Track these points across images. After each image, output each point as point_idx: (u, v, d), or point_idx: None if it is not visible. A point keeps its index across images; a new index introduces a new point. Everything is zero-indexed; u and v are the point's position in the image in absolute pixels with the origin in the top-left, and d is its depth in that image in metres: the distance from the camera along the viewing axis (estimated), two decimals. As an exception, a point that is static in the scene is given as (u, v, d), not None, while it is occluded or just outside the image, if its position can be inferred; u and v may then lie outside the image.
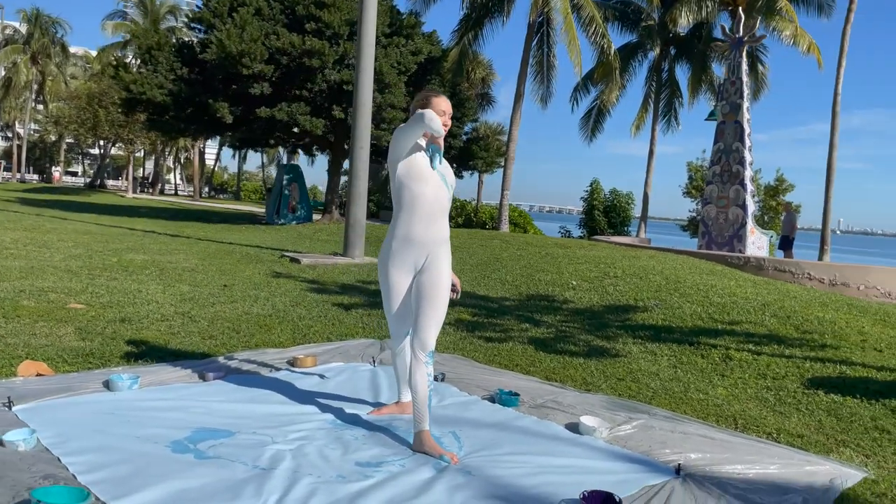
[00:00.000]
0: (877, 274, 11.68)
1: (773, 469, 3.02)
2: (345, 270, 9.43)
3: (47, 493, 2.20)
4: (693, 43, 22.92)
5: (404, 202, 3.02)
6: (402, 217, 3.04)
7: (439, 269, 3.05)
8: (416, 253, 3.04)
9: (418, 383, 2.97)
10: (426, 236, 3.02)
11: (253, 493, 2.40)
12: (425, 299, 3.02)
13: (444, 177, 3.10)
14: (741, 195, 14.09)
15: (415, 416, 2.99)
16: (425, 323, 3.00)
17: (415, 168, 3.00)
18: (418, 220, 3.00)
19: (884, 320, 6.52)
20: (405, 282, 3.12)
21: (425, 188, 2.99)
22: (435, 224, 3.05)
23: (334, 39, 17.26)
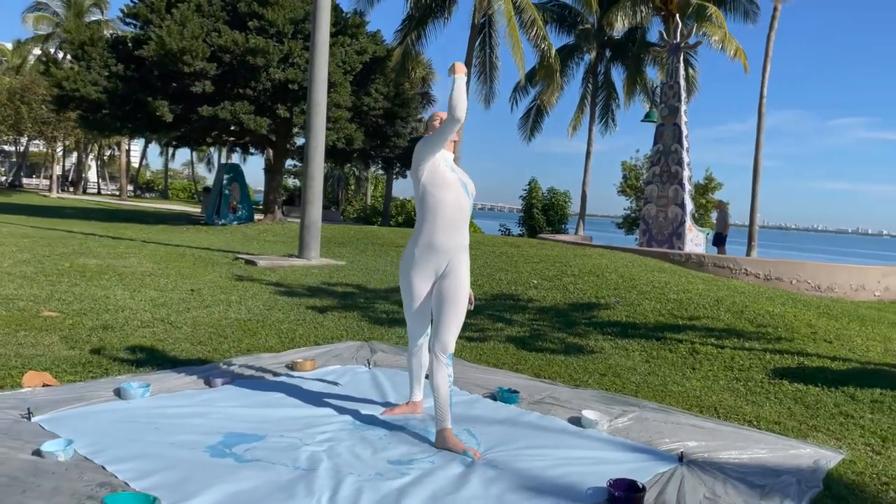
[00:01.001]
0: (807, 269, 12.44)
1: (763, 454, 3.30)
2: (305, 272, 9.43)
3: (116, 499, 2.25)
4: (628, 46, 23.68)
5: (428, 209, 3.16)
6: (427, 224, 3.17)
7: (460, 275, 3.20)
8: (439, 259, 3.18)
9: (440, 384, 3.12)
10: (449, 243, 3.16)
11: (305, 493, 2.51)
12: (447, 304, 3.17)
13: (465, 185, 3.24)
14: (680, 194, 14.71)
15: (438, 414, 3.13)
16: (447, 326, 3.16)
17: (438, 176, 3.14)
18: (441, 227, 3.14)
19: (827, 313, 7.03)
20: (426, 286, 3.26)
21: (448, 195, 3.14)
22: (457, 231, 3.19)
23: (278, 38, 17.09)
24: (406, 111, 20.29)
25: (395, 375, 4.30)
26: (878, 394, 4.47)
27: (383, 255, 12.17)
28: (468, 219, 3.25)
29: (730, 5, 22.95)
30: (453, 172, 3.22)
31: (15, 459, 2.61)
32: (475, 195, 3.31)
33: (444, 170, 3.17)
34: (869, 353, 5.55)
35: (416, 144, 3.20)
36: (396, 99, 19.96)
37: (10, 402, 3.25)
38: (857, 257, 50.93)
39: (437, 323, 3.19)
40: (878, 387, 4.60)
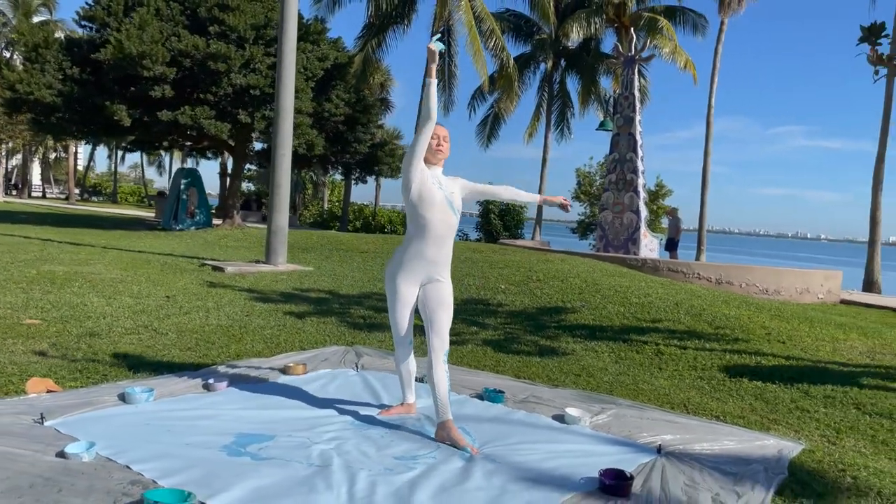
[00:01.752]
0: (756, 273, 13.03)
1: (732, 445, 3.61)
2: (275, 278, 9.52)
3: (155, 494, 2.41)
4: (582, 57, 24.28)
5: (417, 226, 3.38)
6: (415, 239, 3.40)
7: (447, 280, 3.50)
8: (426, 269, 3.43)
9: (441, 379, 3.36)
10: (436, 256, 3.42)
11: (325, 487, 2.70)
12: (442, 306, 3.43)
13: (452, 203, 3.43)
14: (635, 201, 15.23)
15: (440, 408, 3.35)
16: (444, 326, 3.42)
17: (426, 196, 3.34)
18: (429, 242, 3.38)
19: (779, 316, 7.47)
20: (413, 293, 3.49)
21: (435, 215, 3.36)
22: (443, 245, 3.44)
23: (240, 43, 17.06)
24: (367, 117, 20.43)
25: (385, 378, 4.50)
26: (829, 390, 4.85)
27: (349, 261, 12.30)
28: (454, 233, 3.49)
29: (679, 19, 23.76)
30: (441, 190, 3.39)
31: (42, 461, 2.73)
32: (461, 211, 3.53)
33: (431, 189, 3.36)
34: (819, 353, 5.97)
35: (403, 161, 3.40)
36: (357, 105, 20.09)
37: (19, 408, 3.34)
38: (797, 261, 52.87)
39: (434, 324, 3.43)
40: (828, 384, 4.99)
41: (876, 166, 18.07)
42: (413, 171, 3.34)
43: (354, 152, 20.99)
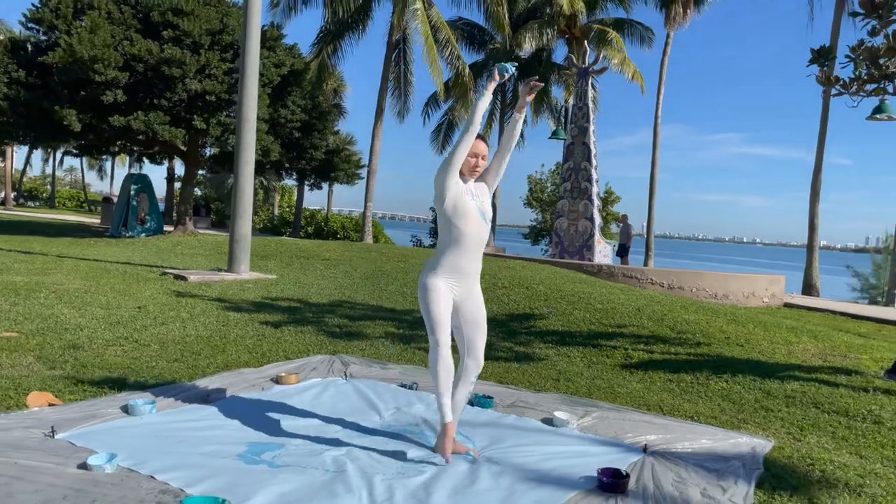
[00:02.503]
0: (705, 278, 13.58)
1: (710, 443, 3.88)
2: (242, 287, 9.51)
3: (191, 501, 2.51)
4: (535, 66, 24.73)
5: (451, 238, 3.33)
6: (449, 249, 3.34)
7: (478, 296, 3.48)
8: (460, 281, 3.38)
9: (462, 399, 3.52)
10: (469, 268, 3.38)
11: (345, 491, 2.84)
12: (479, 328, 3.45)
13: (484, 214, 3.41)
14: (589, 209, 15.67)
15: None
16: (481, 348, 3.47)
17: (461, 208, 3.30)
18: (463, 253, 3.34)
19: (734, 320, 7.88)
20: (451, 305, 3.39)
21: (470, 226, 3.32)
22: (476, 257, 3.41)
23: (195, 48, 16.87)
24: (323, 124, 20.41)
25: (376, 386, 4.64)
26: (789, 390, 5.20)
27: (311, 268, 12.32)
28: (485, 243, 3.48)
29: (628, 31, 24.47)
30: (473, 200, 3.35)
31: (68, 474, 2.79)
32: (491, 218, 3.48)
33: (466, 201, 3.32)
34: (776, 355, 6.35)
35: (438, 169, 3.33)
36: (314, 111, 20.07)
37: (27, 422, 3.37)
38: (735, 264, 54.61)
39: (471, 346, 3.44)
40: (788, 384, 5.35)
41: (814, 176, 18.99)
42: (449, 183, 3.28)
43: (310, 158, 20.93)
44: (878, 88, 6.17)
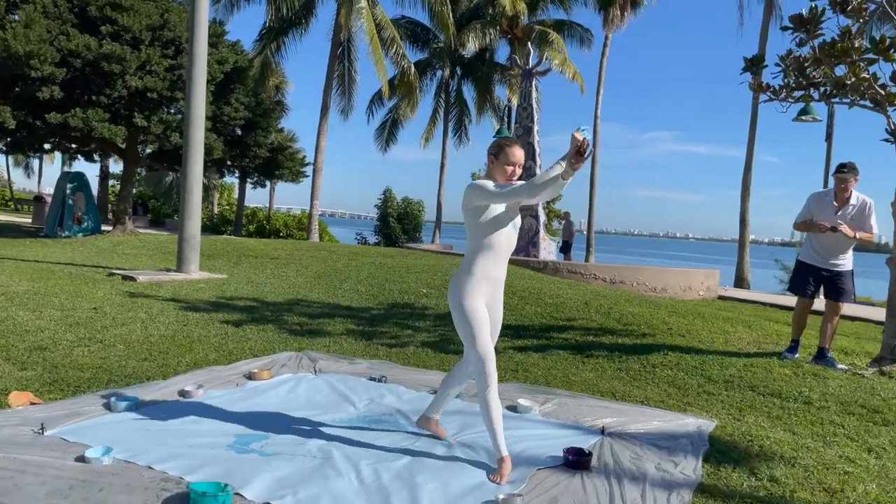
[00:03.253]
0: (645, 273, 14.16)
1: (660, 424, 4.23)
2: (194, 287, 9.51)
3: (199, 486, 2.68)
4: (478, 66, 25.14)
5: (484, 245, 3.28)
6: (481, 257, 3.30)
7: (501, 303, 3.52)
8: (490, 288, 3.39)
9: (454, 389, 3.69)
10: (499, 274, 3.40)
11: (335, 475, 3.05)
12: (496, 332, 3.53)
13: (515, 223, 3.38)
14: (534, 207, 16.08)
15: (437, 408, 3.70)
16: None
17: (495, 216, 3.29)
18: (495, 261, 3.34)
19: (675, 312, 8.35)
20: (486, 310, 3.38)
21: (503, 234, 3.34)
22: (505, 264, 3.43)
23: (134, 44, 16.56)
24: (267, 121, 20.31)
25: (347, 380, 4.83)
26: (728, 375, 5.63)
27: (261, 267, 12.34)
28: (512, 251, 3.47)
29: (568, 32, 25.10)
30: (507, 211, 3.33)
31: (70, 466, 2.91)
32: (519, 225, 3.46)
33: (500, 209, 3.29)
34: (714, 344, 6.81)
35: (476, 184, 3.22)
36: (257, 109, 19.95)
37: (13, 420, 3.45)
38: (668, 259, 56.37)
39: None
40: (726, 370, 5.78)
41: (744, 174, 19.93)
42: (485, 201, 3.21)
43: (254, 156, 20.80)
44: (805, 95, 6.66)
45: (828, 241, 6.21)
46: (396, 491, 2.92)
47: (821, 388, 5.32)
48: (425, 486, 3.00)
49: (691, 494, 3.11)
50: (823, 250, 6.26)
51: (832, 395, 5.13)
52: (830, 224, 6.06)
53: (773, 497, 3.16)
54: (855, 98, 6.25)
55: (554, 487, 3.09)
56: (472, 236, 3.31)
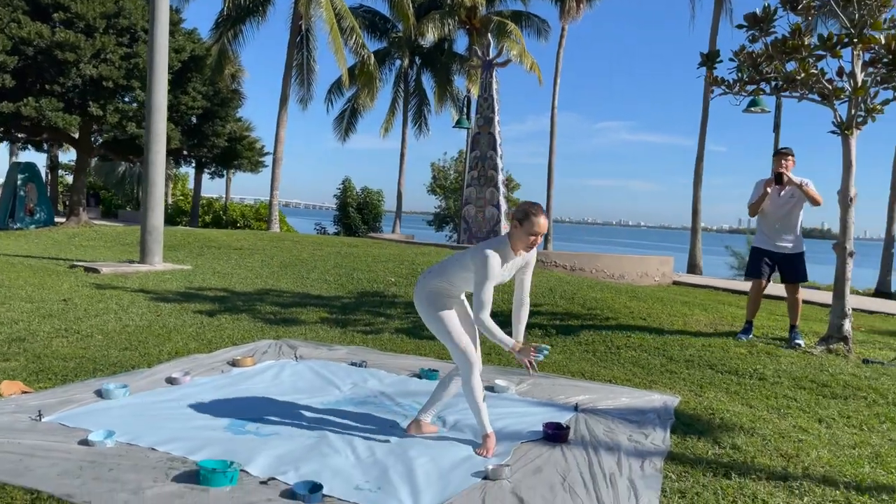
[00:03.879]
0: (603, 260, 14.55)
1: (628, 401, 4.50)
2: (160, 278, 9.49)
3: (208, 463, 2.82)
4: (437, 56, 25.25)
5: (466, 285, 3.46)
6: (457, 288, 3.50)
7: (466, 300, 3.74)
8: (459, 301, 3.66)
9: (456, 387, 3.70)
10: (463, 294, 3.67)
11: (333, 452, 3.21)
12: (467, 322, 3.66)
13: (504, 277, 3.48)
14: (496, 196, 16.35)
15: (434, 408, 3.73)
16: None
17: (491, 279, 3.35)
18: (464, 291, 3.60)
19: (636, 297, 8.69)
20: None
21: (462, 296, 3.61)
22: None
23: (88, 32, 16.24)
24: (225, 110, 20.11)
25: (328, 365, 4.99)
26: (688, 355, 5.95)
27: (225, 258, 12.32)
28: None
29: (525, 23, 25.37)
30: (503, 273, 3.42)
31: (76, 449, 3.02)
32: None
33: (498, 275, 3.37)
34: (674, 326, 7.15)
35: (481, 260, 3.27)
36: (215, 98, 19.74)
37: (8, 408, 3.52)
38: (622, 247, 57.49)
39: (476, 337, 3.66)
40: (686, 350, 6.10)
41: (696, 164, 20.52)
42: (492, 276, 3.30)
43: (212, 146, 20.59)
44: (757, 89, 7.00)
45: (775, 223, 6.61)
46: (392, 465, 3.11)
47: (774, 365, 5.67)
48: (418, 459, 3.19)
49: (662, 462, 3.36)
50: (773, 232, 6.65)
51: (784, 371, 5.48)
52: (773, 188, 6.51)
53: (735, 463, 3.43)
54: (804, 92, 6.62)
55: (537, 458, 3.31)
56: (458, 275, 3.42)
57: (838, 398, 4.87)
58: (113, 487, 2.65)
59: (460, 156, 30.80)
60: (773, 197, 6.60)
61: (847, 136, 6.33)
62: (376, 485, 2.88)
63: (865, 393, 4.95)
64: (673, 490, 3.02)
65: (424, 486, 2.88)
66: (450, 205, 30.57)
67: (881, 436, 4.05)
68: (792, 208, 6.54)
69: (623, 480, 3.07)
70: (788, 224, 6.59)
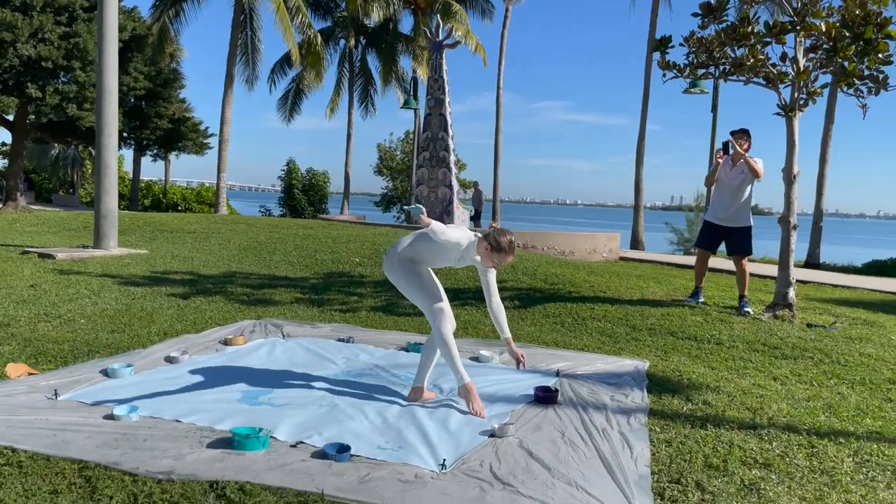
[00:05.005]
0: (554, 238, 15.02)
1: (603, 366, 4.85)
2: (120, 263, 9.42)
3: (240, 430, 3.01)
4: (382, 36, 25.18)
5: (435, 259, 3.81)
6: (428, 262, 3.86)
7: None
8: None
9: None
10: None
11: (348, 418, 3.44)
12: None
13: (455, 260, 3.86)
14: (448, 177, 16.60)
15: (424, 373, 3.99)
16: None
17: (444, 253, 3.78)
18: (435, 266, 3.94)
19: (593, 272, 9.11)
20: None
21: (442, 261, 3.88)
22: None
23: (25, 11, 15.66)
24: (168, 91, 19.69)
25: (316, 342, 5.18)
26: (649, 324, 6.36)
27: (179, 242, 12.24)
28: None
29: (470, 4, 25.53)
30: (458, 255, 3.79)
31: (105, 423, 3.16)
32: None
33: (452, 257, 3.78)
34: (633, 297, 7.57)
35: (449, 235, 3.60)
36: (157, 78, 19.30)
37: (22, 388, 3.61)
38: (562, 225, 58.63)
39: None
40: (647, 320, 6.52)
41: (638, 143, 21.19)
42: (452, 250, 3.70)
43: (155, 128, 20.15)
44: (707, 73, 7.43)
45: (727, 197, 7.08)
46: (405, 427, 3.36)
47: (728, 331, 6.14)
48: (427, 422, 3.45)
49: (646, 417, 3.71)
50: (723, 206, 7.13)
51: (738, 336, 5.94)
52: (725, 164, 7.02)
53: (709, 416, 3.81)
54: (750, 76, 7.07)
55: (535, 417, 3.62)
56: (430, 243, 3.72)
57: (788, 359, 5.34)
58: (154, 455, 2.82)
59: (406, 136, 30.92)
60: (725, 170, 7.08)
61: (791, 118, 6.81)
62: (396, 444, 3.12)
63: (812, 353, 5.45)
64: (660, 440, 3.37)
65: (439, 445, 3.14)
66: (397, 185, 30.68)
67: (830, 390, 4.51)
68: (741, 182, 7.01)
69: (615, 433, 3.40)
70: (738, 198, 7.06)
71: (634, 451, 3.15)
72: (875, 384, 4.68)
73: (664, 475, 2.94)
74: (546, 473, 2.85)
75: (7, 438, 2.90)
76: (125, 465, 2.71)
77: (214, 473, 2.67)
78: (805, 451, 3.31)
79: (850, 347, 5.65)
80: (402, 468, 2.85)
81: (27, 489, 2.50)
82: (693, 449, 3.25)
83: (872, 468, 3.13)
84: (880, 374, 4.95)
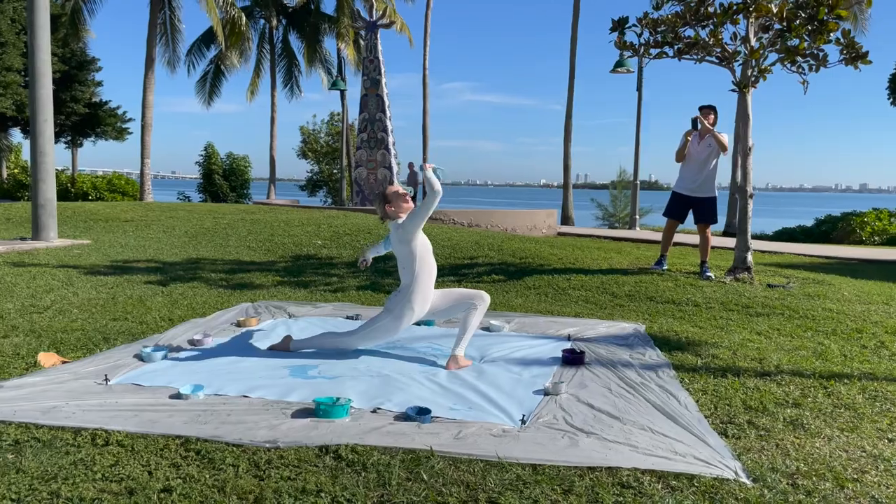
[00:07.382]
0: (496, 216, 15.36)
1: (607, 329, 5.15)
2: (70, 254, 9.05)
3: (321, 400, 3.09)
4: (305, 16, 24.71)
5: (422, 270, 4.06)
6: (420, 279, 4.07)
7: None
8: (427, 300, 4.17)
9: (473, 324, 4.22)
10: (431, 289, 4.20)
11: (407, 385, 3.57)
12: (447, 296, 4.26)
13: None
14: (387, 158, 16.64)
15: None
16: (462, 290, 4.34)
17: (424, 245, 4.12)
18: (429, 280, 4.14)
19: (556, 246, 9.46)
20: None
21: (431, 257, 4.16)
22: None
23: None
24: (84, 75, 18.72)
25: (327, 321, 5.24)
26: (627, 291, 6.74)
27: (120, 231, 11.83)
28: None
29: (393, -17, 25.38)
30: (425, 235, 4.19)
31: (178, 402, 3.17)
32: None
33: (425, 238, 4.15)
34: (602, 268, 7.96)
35: (406, 221, 4.05)
36: (72, 61, 18.32)
37: (65, 376, 3.54)
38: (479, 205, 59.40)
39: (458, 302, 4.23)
40: (623, 287, 6.89)
41: (566, 122, 21.80)
42: (418, 229, 4.05)
43: (71, 113, 19.15)
44: (661, 52, 7.83)
45: (695, 170, 7.52)
46: (463, 391, 3.52)
47: (700, 294, 6.58)
48: (480, 385, 3.63)
49: (671, 370, 4.02)
50: (692, 178, 7.56)
51: (711, 298, 6.40)
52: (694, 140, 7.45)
53: (723, 367, 4.16)
54: (703, 55, 7.52)
55: (575, 376, 3.86)
56: (412, 263, 4.06)
57: (762, 315, 5.81)
58: (248, 427, 2.88)
59: (332, 118, 30.49)
60: (694, 144, 7.51)
61: (744, 94, 7.30)
62: (466, 406, 3.29)
63: (781, 311, 5.95)
64: (695, 389, 3.68)
65: (505, 403, 3.33)
66: (322, 168, 30.28)
67: (811, 341, 4.98)
68: (708, 156, 7.46)
69: (653, 386, 3.68)
70: (705, 170, 7.51)
71: (681, 400, 3.44)
72: (846, 334, 5.20)
73: (716, 418, 3.24)
74: (617, 422, 3.09)
75: (94, 422, 2.89)
76: (227, 437, 2.76)
77: (315, 440, 2.77)
78: (821, 391, 3.70)
79: (813, 304, 6.20)
80: (487, 425, 3.02)
81: (145, 465, 2.53)
82: (729, 395, 3.58)
83: (883, 402, 3.55)
84: (846, 325, 5.48)
